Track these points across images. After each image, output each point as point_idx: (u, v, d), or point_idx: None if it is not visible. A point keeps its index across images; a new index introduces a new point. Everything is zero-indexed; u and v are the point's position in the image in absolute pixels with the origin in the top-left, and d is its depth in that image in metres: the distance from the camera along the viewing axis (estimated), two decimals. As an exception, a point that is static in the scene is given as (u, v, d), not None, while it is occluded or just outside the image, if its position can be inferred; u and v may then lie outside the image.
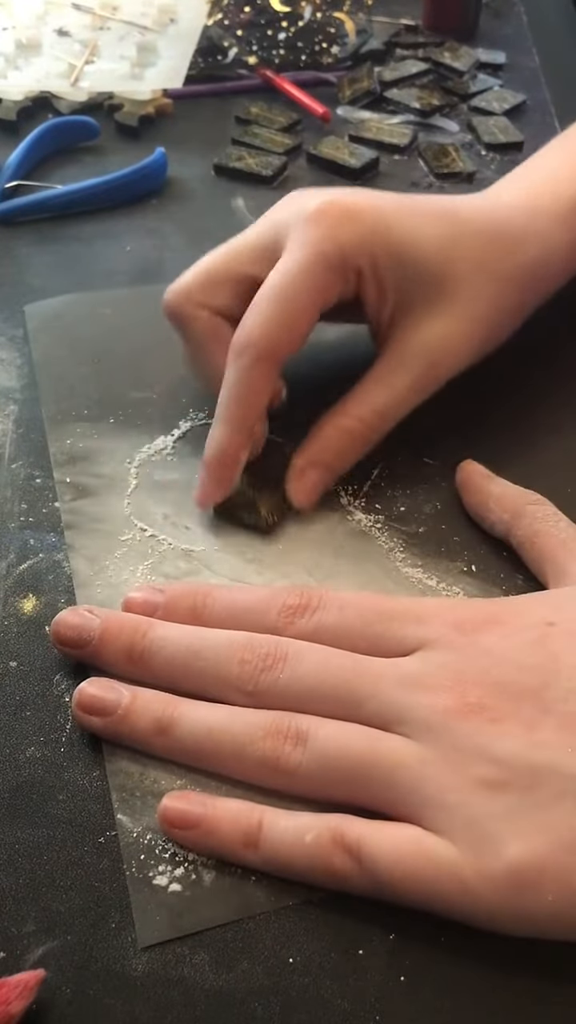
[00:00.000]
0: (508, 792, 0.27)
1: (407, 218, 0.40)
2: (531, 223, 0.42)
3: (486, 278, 0.40)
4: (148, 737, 0.31)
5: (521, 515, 0.37)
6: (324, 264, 0.37)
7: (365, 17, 0.75)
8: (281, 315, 0.37)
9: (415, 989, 0.27)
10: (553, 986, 0.27)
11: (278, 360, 0.38)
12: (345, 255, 0.38)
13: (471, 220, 0.41)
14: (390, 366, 0.40)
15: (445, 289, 0.40)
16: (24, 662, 0.35)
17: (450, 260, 0.40)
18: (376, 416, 0.39)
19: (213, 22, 0.73)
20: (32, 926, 0.28)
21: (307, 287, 0.37)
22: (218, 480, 0.39)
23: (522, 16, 0.77)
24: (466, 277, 0.40)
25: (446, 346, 0.40)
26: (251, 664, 0.31)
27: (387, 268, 0.39)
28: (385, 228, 0.39)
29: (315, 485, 0.39)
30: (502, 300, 0.41)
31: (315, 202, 0.38)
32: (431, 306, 0.40)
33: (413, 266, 0.39)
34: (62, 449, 0.42)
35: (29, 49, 0.69)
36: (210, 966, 0.27)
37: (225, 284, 0.40)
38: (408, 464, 0.41)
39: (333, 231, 0.38)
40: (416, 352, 0.40)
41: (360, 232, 0.38)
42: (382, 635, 0.31)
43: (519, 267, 0.41)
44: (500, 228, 0.42)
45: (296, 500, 0.39)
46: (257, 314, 0.37)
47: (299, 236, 0.38)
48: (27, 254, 0.54)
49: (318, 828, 0.28)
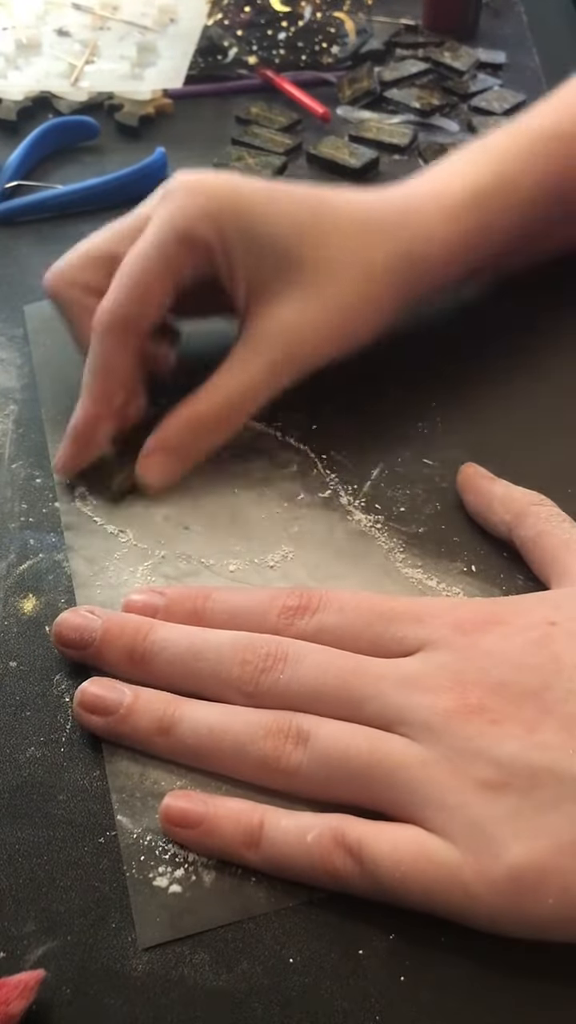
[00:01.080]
0: (509, 794, 0.27)
1: (265, 199, 0.40)
2: (405, 215, 0.42)
3: (349, 266, 0.40)
4: (150, 737, 0.31)
5: (524, 515, 0.37)
6: (172, 237, 0.38)
7: (365, 17, 0.75)
8: (130, 289, 0.38)
9: (415, 989, 0.27)
10: (553, 986, 0.27)
11: (134, 332, 0.39)
12: (192, 228, 0.38)
13: (339, 208, 0.41)
14: (246, 351, 0.40)
15: (303, 274, 0.39)
16: (24, 662, 0.35)
17: (308, 245, 0.39)
18: (228, 404, 0.40)
19: (213, 22, 0.73)
20: (32, 926, 0.28)
21: (155, 260, 0.38)
22: (76, 449, 0.40)
23: (522, 16, 0.77)
24: (327, 263, 0.40)
25: (303, 332, 0.40)
26: (252, 665, 0.31)
27: (237, 245, 0.39)
28: (237, 205, 0.39)
29: (161, 468, 0.40)
30: (368, 289, 0.41)
31: (175, 181, 0.40)
32: (287, 291, 0.39)
33: (266, 246, 0.39)
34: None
35: (29, 49, 0.69)
36: (210, 966, 0.27)
37: (96, 263, 0.41)
38: (408, 465, 0.41)
39: (183, 205, 0.38)
40: (270, 337, 0.39)
41: (208, 207, 0.38)
42: (382, 636, 0.31)
43: (386, 258, 0.41)
44: (371, 218, 0.41)
45: (143, 480, 0.40)
46: (111, 291, 0.39)
47: (156, 213, 0.39)
48: (27, 254, 0.54)
49: (319, 828, 0.28)
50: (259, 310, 0.40)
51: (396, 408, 0.44)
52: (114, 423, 0.40)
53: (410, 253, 0.41)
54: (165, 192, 0.40)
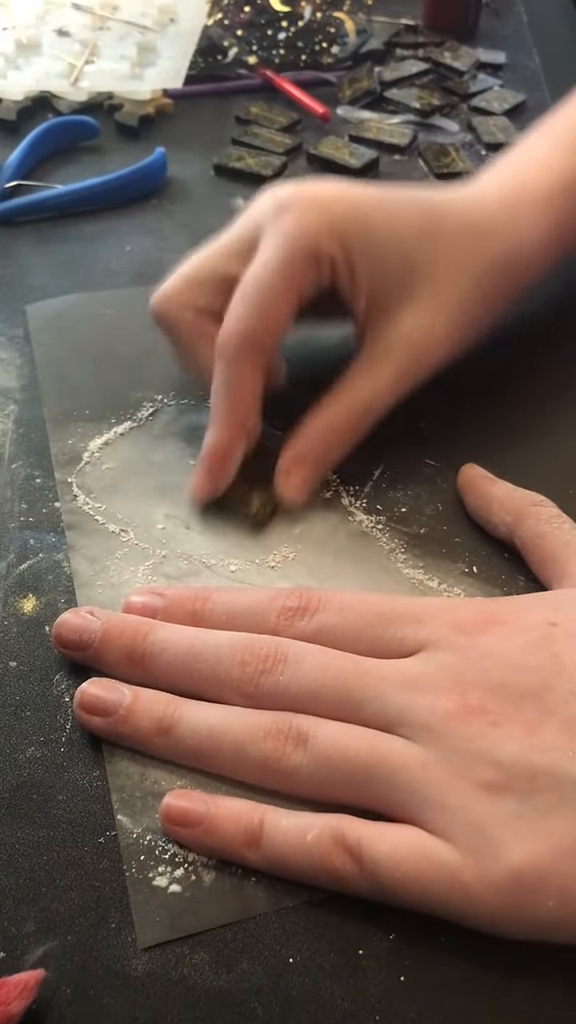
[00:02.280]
0: (509, 796, 0.27)
1: (381, 208, 0.40)
2: (505, 214, 0.42)
3: (463, 270, 0.41)
4: (149, 737, 0.31)
5: (525, 516, 0.37)
6: (296, 253, 0.38)
7: (365, 17, 0.75)
8: (258, 308, 0.37)
9: (415, 989, 0.27)
10: (553, 987, 0.27)
11: (262, 352, 0.38)
12: (316, 243, 0.38)
13: (447, 212, 0.41)
14: (372, 360, 0.40)
15: (422, 281, 0.40)
16: (24, 662, 0.35)
17: (425, 252, 0.40)
18: (359, 411, 0.40)
19: (213, 22, 0.73)
20: (32, 926, 0.28)
21: (281, 278, 0.38)
22: (214, 475, 0.39)
23: (522, 16, 0.78)
24: (443, 269, 0.40)
25: (425, 338, 0.40)
26: (251, 666, 0.31)
27: (360, 257, 0.39)
28: (357, 217, 0.39)
29: (303, 482, 0.39)
30: (479, 292, 0.41)
31: (285, 194, 0.39)
32: (407, 298, 0.40)
33: (387, 256, 0.39)
34: (63, 449, 0.42)
35: (29, 49, 0.69)
36: (210, 966, 0.27)
37: (208, 284, 0.40)
38: (409, 465, 0.41)
39: (304, 220, 0.38)
40: (397, 345, 0.40)
41: (331, 220, 0.38)
42: (382, 636, 0.31)
43: (495, 258, 0.42)
44: (475, 219, 0.42)
45: (284, 497, 0.39)
46: (235, 310, 0.38)
47: (271, 229, 0.38)
48: (27, 254, 0.54)
49: (319, 828, 0.28)
50: (381, 318, 0.40)
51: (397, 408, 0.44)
52: (246, 444, 0.39)
53: (514, 250, 0.42)
54: (279, 206, 0.39)
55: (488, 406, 0.44)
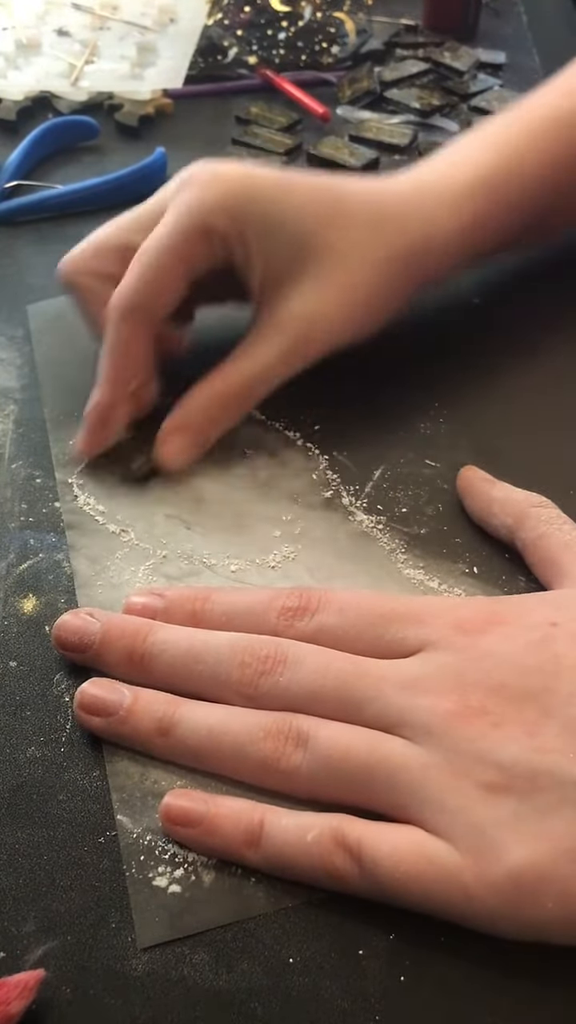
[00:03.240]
0: (509, 797, 0.27)
1: (281, 188, 0.40)
2: (416, 205, 0.42)
3: (362, 255, 0.41)
4: (150, 738, 0.31)
5: (525, 518, 0.36)
6: (187, 228, 0.39)
7: (365, 17, 0.75)
8: (146, 277, 0.39)
9: (415, 989, 0.27)
10: (552, 987, 0.27)
11: (147, 319, 0.39)
12: (208, 219, 0.39)
13: (353, 198, 0.41)
14: (260, 336, 0.41)
15: (318, 262, 0.40)
16: (24, 662, 0.35)
17: (323, 234, 0.40)
18: (243, 384, 0.40)
19: (213, 22, 0.73)
20: (32, 926, 0.28)
21: (169, 250, 0.39)
22: (93, 433, 0.41)
23: (522, 16, 0.77)
24: (341, 252, 0.40)
25: (316, 319, 0.40)
26: (251, 667, 0.31)
27: (254, 235, 0.39)
28: (254, 196, 0.40)
29: (180, 448, 0.41)
30: (378, 279, 0.41)
31: (191, 170, 0.40)
32: (302, 278, 0.40)
33: (282, 236, 0.40)
34: (64, 449, 0.42)
35: (29, 49, 0.69)
36: (210, 966, 0.27)
37: (111, 252, 0.41)
38: (410, 466, 0.41)
39: (199, 196, 0.39)
40: (285, 322, 0.40)
41: (226, 197, 0.39)
42: (383, 636, 0.31)
43: (399, 248, 0.42)
44: (383, 208, 0.42)
45: (162, 459, 0.40)
46: (126, 278, 0.39)
47: (172, 203, 0.40)
48: (27, 254, 0.54)
49: (319, 827, 0.28)
50: (274, 297, 0.40)
51: (398, 409, 0.44)
52: (130, 407, 0.41)
53: (420, 242, 0.42)
54: (182, 181, 0.40)
55: (489, 406, 0.44)
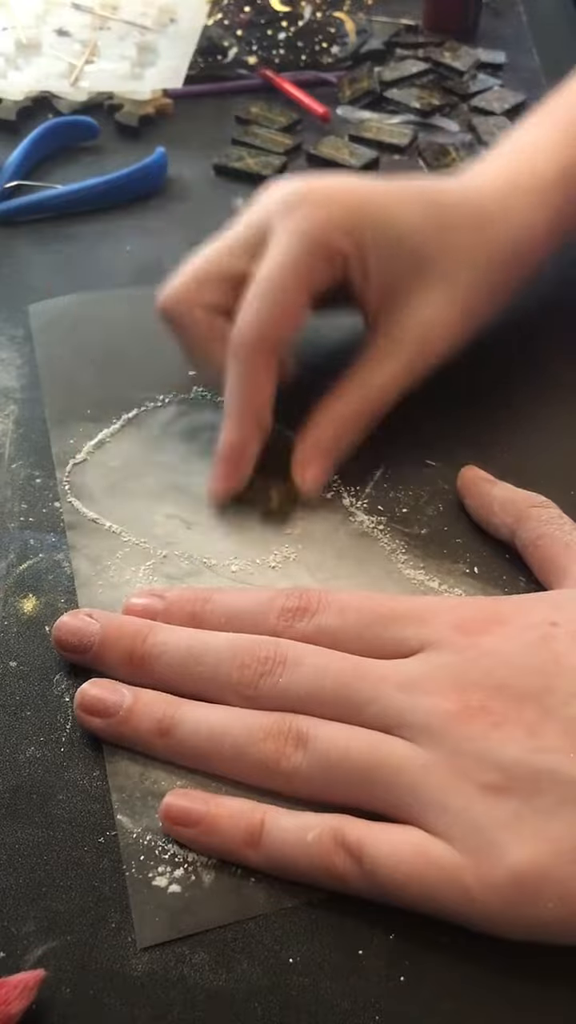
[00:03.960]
0: (510, 797, 0.27)
1: (389, 200, 0.40)
2: (509, 202, 0.43)
3: (468, 258, 0.41)
4: (150, 739, 0.31)
5: (526, 518, 0.37)
6: (309, 250, 0.38)
7: (365, 17, 0.75)
8: (272, 306, 0.38)
9: (415, 989, 0.27)
10: (552, 987, 0.27)
11: (275, 351, 0.38)
12: (329, 239, 0.38)
13: (453, 202, 0.42)
14: (382, 350, 0.40)
15: (431, 272, 0.40)
16: (24, 662, 0.35)
17: (434, 243, 0.40)
18: (371, 402, 0.40)
19: (213, 22, 0.73)
20: (32, 926, 0.28)
21: (294, 275, 0.38)
22: (232, 474, 0.39)
23: (522, 16, 0.77)
24: (448, 258, 0.40)
25: (435, 329, 0.41)
26: (251, 668, 0.31)
27: (372, 250, 0.39)
28: (367, 211, 0.39)
29: (320, 472, 0.40)
30: (487, 281, 0.42)
31: (294, 190, 0.39)
32: (418, 289, 0.40)
33: (397, 248, 0.40)
34: (65, 449, 0.42)
35: (29, 49, 0.69)
36: (210, 966, 0.27)
37: (216, 282, 0.40)
38: (410, 466, 0.41)
39: (315, 216, 0.38)
40: (406, 335, 0.40)
41: (342, 215, 0.39)
42: (382, 637, 0.31)
43: (501, 247, 0.42)
44: (479, 208, 0.42)
45: (303, 488, 0.39)
46: (249, 308, 0.38)
47: (282, 225, 0.39)
48: (27, 254, 0.54)
49: (319, 827, 0.28)
50: (392, 309, 0.40)
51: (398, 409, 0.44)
52: (262, 442, 0.39)
53: (517, 239, 0.42)
54: (288, 202, 0.39)
55: (489, 406, 0.44)
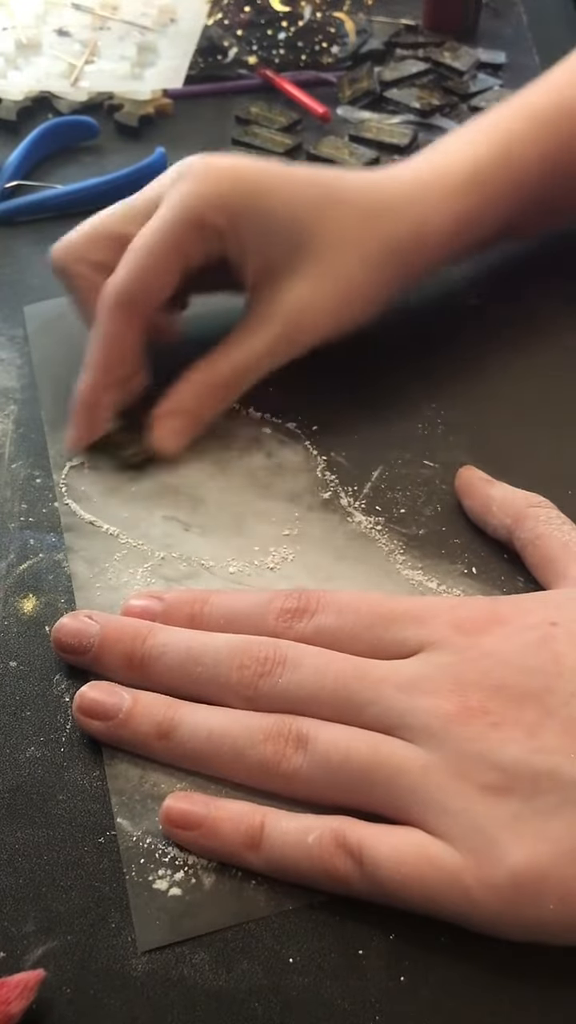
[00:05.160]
0: (510, 798, 0.27)
1: (274, 181, 0.41)
2: (410, 197, 0.43)
3: (354, 247, 0.41)
4: (149, 741, 0.31)
5: (524, 518, 0.37)
6: (181, 221, 0.39)
7: (365, 17, 0.75)
8: (141, 267, 0.39)
9: (415, 989, 0.27)
10: (553, 988, 0.27)
11: (138, 310, 0.40)
12: (202, 213, 0.39)
13: (346, 190, 0.42)
14: (250, 325, 0.41)
15: (309, 254, 0.41)
16: (24, 662, 0.35)
17: (315, 226, 0.41)
18: (233, 371, 0.41)
19: (213, 22, 0.73)
20: (32, 926, 0.28)
21: (163, 243, 0.39)
22: (85, 422, 0.41)
23: (522, 16, 0.77)
24: (332, 244, 0.41)
25: (305, 310, 0.41)
26: (250, 669, 0.31)
27: (247, 227, 0.40)
28: (247, 189, 0.40)
29: (172, 432, 0.41)
30: (369, 270, 0.42)
31: (187, 163, 0.40)
32: (293, 270, 0.41)
33: (275, 228, 0.40)
34: (61, 451, 0.42)
35: (29, 49, 0.69)
36: (210, 966, 0.27)
37: (104, 241, 0.42)
38: (408, 466, 0.41)
39: (194, 188, 0.39)
40: (275, 313, 0.41)
41: (220, 190, 0.40)
42: (382, 637, 0.31)
43: (391, 239, 0.42)
44: (376, 200, 0.42)
45: (156, 445, 0.41)
46: (119, 268, 0.40)
47: (168, 195, 0.40)
48: (27, 254, 0.54)
49: (320, 829, 0.28)
50: (266, 287, 0.41)
51: (396, 409, 0.44)
52: (117, 394, 0.41)
53: (413, 234, 0.42)
54: (178, 174, 0.40)
55: (487, 406, 0.44)
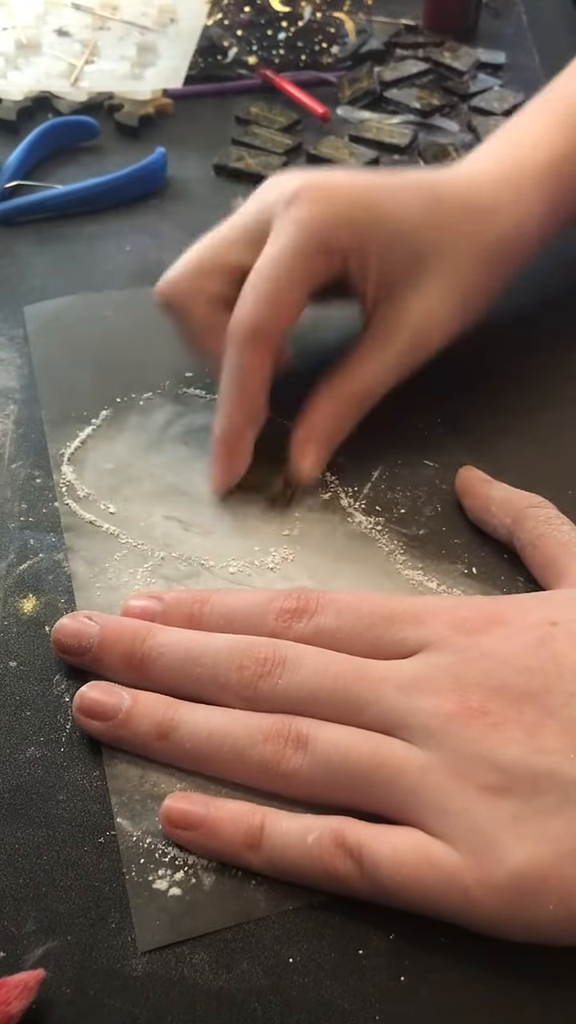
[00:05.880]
0: (510, 799, 0.27)
1: (387, 194, 0.40)
2: (504, 193, 0.43)
3: (465, 251, 0.41)
4: (149, 741, 0.31)
5: (524, 518, 0.37)
6: (308, 244, 0.38)
7: (365, 17, 0.75)
8: (270, 299, 0.38)
9: (415, 989, 0.27)
10: (552, 988, 0.27)
11: (271, 342, 0.39)
12: (328, 234, 0.39)
13: (449, 193, 0.42)
14: (377, 341, 0.41)
15: (427, 264, 0.40)
16: (24, 662, 0.35)
17: (430, 235, 0.41)
18: (365, 390, 0.41)
19: (213, 22, 0.73)
20: (32, 926, 0.28)
21: (294, 269, 0.38)
22: (230, 463, 0.40)
23: (522, 16, 0.77)
24: (446, 251, 0.41)
25: (430, 320, 0.41)
26: (249, 670, 0.31)
27: (371, 245, 0.40)
28: (366, 205, 0.40)
29: (316, 460, 0.40)
30: (482, 273, 0.42)
31: (296, 184, 0.39)
32: (414, 281, 0.40)
33: (396, 242, 0.40)
34: (61, 451, 0.42)
35: (29, 49, 0.69)
36: (210, 966, 0.27)
37: (216, 272, 0.41)
38: (409, 466, 0.41)
39: (316, 211, 0.39)
40: (401, 327, 0.41)
41: (342, 211, 0.39)
42: (382, 637, 0.31)
43: (495, 238, 0.42)
44: (476, 200, 0.42)
45: (300, 475, 0.40)
46: (248, 300, 0.38)
47: (282, 219, 0.39)
48: (27, 254, 0.54)
49: (320, 829, 0.28)
50: (390, 301, 0.41)
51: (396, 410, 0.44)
52: (256, 429, 0.40)
53: (512, 231, 0.43)
54: (288, 196, 0.39)
55: (487, 407, 0.44)
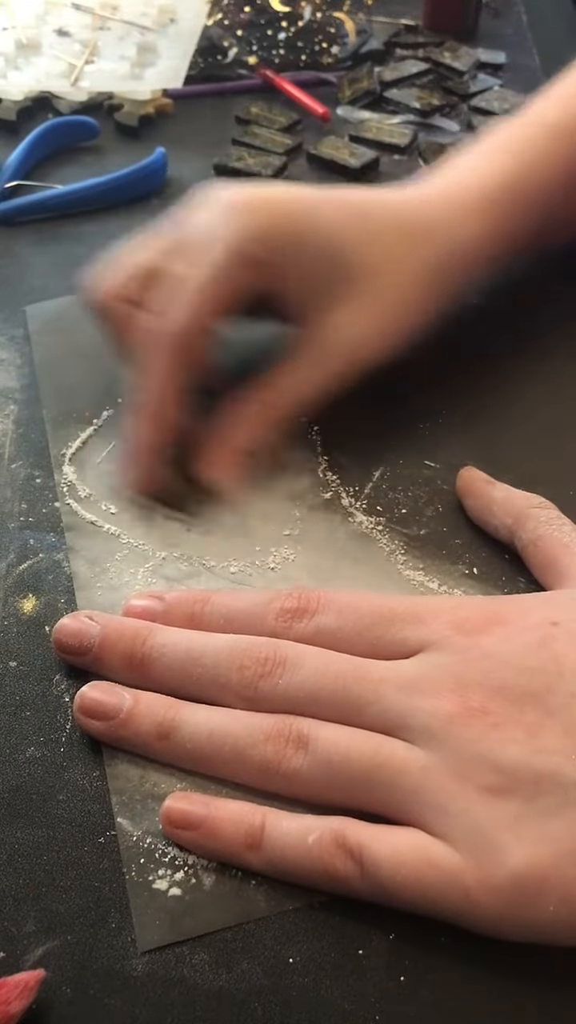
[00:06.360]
0: (511, 799, 0.27)
1: (316, 211, 0.40)
2: (440, 214, 0.43)
3: (395, 269, 0.41)
4: (150, 741, 0.31)
5: (525, 519, 0.37)
6: (228, 259, 0.38)
7: (365, 17, 0.75)
8: (190, 309, 0.38)
9: (415, 989, 0.27)
10: (552, 988, 0.27)
11: (187, 352, 0.39)
12: (249, 249, 0.39)
13: (382, 212, 0.42)
14: (304, 360, 0.41)
15: (355, 281, 0.40)
16: (24, 662, 0.35)
17: (360, 253, 0.40)
18: (294, 407, 0.41)
19: (213, 22, 0.73)
20: (32, 926, 0.28)
21: (212, 281, 0.38)
22: (146, 470, 0.40)
23: (522, 16, 0.77)
24: (377, 270, 0.41)
25: (358, 338, 0.41)
26: (250, 670, 0.31)
27: (292, 261, 0.40)
28: (289, 221, 0.40)
29: (228, 470, 0.40)
30: (413, 293, 0.42)
31: (225, 196, 0.40)
32: (341, 301, 0.40)
33: (319, 258, 0.40)
34: (63, 451, 0.42)
35: (29, 49, 0.69)
36: (210, 966, 0.27)
37: (140, 278, 0.40)
38: (409, 466, 0.41)
39: (239, 225, 0.39)
40: (329, 343, 0.41)
41: (267, 225, 0.39)
42: (382, 637, 0.31)
43: (428, 258, 0.42)
44: (410, 220, 0.42)
45: (218, 485, 0.40)
46: (172, 307, 0.38)
47: (208, 231, 0.39)
48: (27, 254, 0.54)
49: (320, 830, 0.28)
50: (315, 320, 0.41)
51: (397, 410, 0.44)
52: (172, 437, 0.40)
53: (447, 252, 0.42)
54: (218, 209, 0.39)
55: (489, 407, 0.44)
